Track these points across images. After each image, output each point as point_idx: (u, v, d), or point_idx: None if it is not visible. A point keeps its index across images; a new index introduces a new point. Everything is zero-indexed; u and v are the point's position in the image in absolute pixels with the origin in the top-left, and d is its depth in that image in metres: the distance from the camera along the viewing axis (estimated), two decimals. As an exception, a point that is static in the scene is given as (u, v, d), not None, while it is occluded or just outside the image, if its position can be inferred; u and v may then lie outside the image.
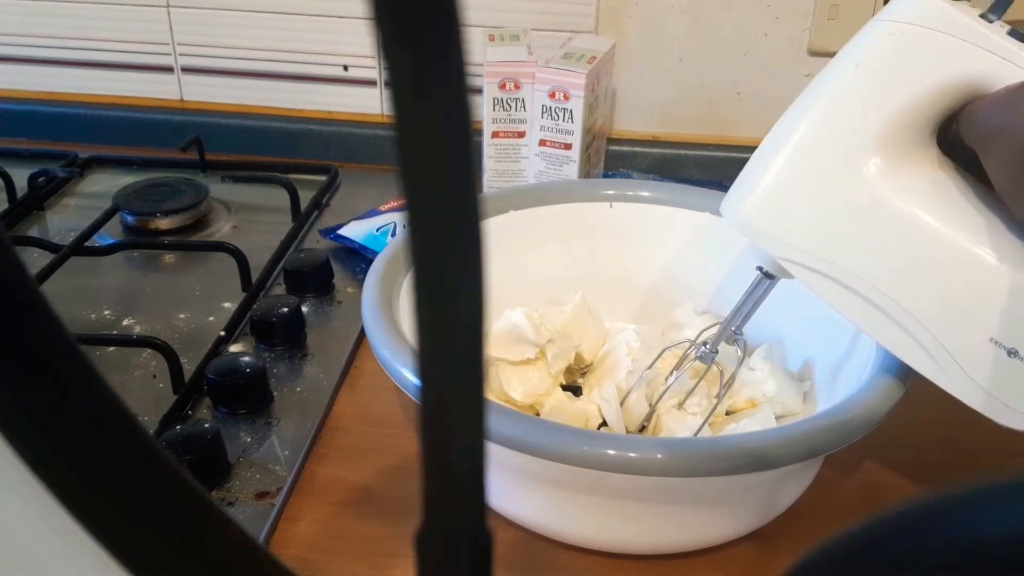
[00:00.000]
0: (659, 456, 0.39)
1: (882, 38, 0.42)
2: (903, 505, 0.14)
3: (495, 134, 0.74)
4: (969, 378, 0.41)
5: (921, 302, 0.42)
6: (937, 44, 0.40)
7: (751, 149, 0.46)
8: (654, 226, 0.61)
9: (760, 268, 0.48)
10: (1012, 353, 0.40)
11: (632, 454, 0.39)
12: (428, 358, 0.15)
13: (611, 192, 0.62)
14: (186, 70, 0.90)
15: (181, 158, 0.83)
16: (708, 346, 0.51)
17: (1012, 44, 0.39)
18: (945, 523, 0.13)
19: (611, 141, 0.85)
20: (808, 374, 0.55)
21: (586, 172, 0.76)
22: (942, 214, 0.41)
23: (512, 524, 0.48)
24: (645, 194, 0.61)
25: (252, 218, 0.79)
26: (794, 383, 0.53)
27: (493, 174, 0.76)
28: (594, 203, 0.61)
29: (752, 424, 0.51)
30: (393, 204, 0.76)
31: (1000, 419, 0.41)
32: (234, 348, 0.61)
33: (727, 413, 0.54)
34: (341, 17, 0.85)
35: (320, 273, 0.67)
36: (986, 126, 0.38)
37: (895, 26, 0.41)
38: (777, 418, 0.52)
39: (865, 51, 0.42)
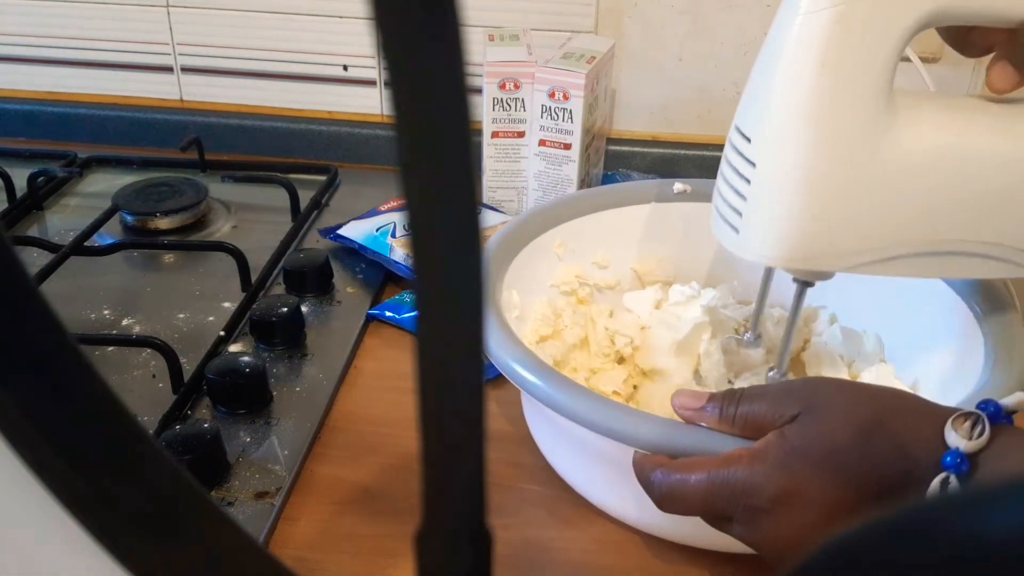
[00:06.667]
0: None
1: (829, 28, 0.40)
2: (904, 505, 0.14)
3: (495, 134, 0.74)
4: None
5: (996, 225, 0.43)
6: (884, 8, 0.39)
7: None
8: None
9: (796, 280, 0.47)
10: None
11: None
12: (428, 357, 0.15)
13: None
14: (186, 70, 0.90)
15: (181, 158, 0.83)
16: (749, 334, 0.54)
17: None
18: (945, 523, 0.13)
19: (611, 141, 0.85)
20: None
21: (586, 172, 0.76)
22: (970, 137, 0.42)
23: (512, 524, 0.48)
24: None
25: (252, 218, 0.79)
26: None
27: (493, 174, 0.76)
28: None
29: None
30: (393, 204, 0.76)
31: None
32: (234, 348, 0.61)
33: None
34: (341, 17, 0.85)
35: (320, 273, 0.67)
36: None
37: (835, 12, 0.39)
38: None
39: (820, 48, 0.40)
